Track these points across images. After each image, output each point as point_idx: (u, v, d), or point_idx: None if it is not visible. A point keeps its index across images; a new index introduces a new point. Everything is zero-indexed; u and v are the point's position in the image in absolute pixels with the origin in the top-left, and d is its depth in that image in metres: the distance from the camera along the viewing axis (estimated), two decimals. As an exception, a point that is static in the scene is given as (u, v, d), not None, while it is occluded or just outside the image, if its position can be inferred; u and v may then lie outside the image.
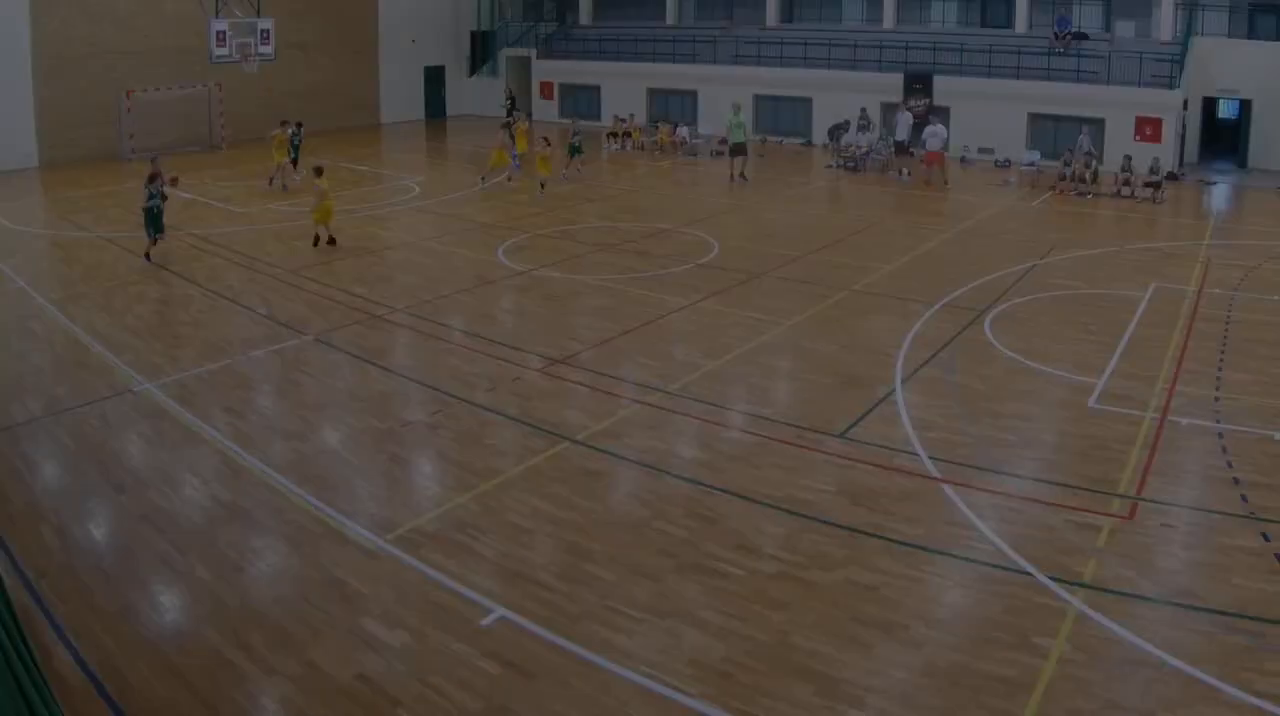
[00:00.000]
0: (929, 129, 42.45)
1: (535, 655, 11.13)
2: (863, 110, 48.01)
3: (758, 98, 55.67)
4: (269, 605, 12.08)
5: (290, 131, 40.17)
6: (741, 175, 42.50)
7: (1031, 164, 45.43)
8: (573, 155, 42.43)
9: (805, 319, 23.20)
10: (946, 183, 41.81)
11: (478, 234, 31.88)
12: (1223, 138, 50.74)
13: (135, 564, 13.00)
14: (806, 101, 54.19)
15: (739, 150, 42.57)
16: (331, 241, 29.18)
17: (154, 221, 26.62)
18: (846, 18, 59.02)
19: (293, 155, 40.29)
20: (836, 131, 48.40)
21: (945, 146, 42.61)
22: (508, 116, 50.81)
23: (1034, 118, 48.51)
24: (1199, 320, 23.26)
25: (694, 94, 58.05)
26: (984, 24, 54.97)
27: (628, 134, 52.11)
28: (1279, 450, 16.58)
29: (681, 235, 31.33)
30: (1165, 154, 43.63)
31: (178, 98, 49.49)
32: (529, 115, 58.95)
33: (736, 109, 43.04)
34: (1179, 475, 15.84)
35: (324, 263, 27.75)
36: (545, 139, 39.21)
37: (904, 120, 46.12)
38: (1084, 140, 42.30)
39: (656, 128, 53.21)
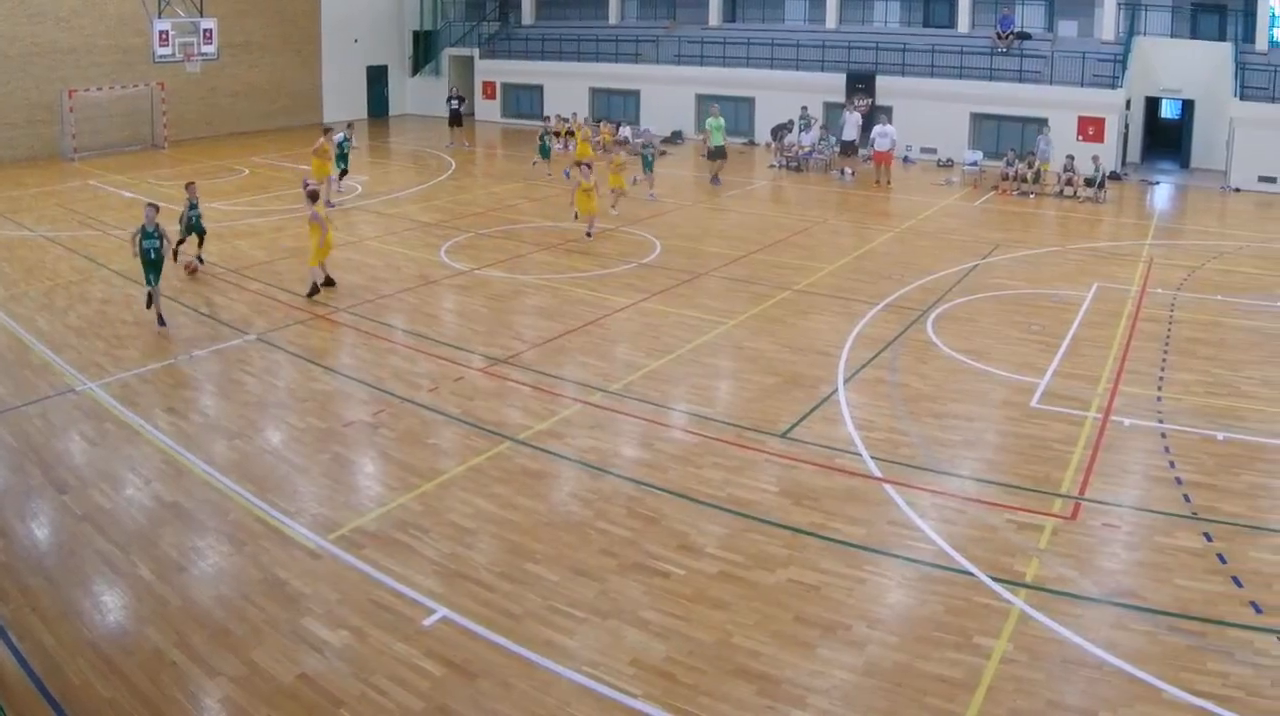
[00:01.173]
0: (878, 129, 42.56)
1: (477, 655, 11.16)
2: (804, 109, 48.05)
3: (700, 97, 55.54)
4: (211, 605, 12.05)
5: (340, 138, 37.88)
6: (715, 178, 42.17)
7: (974, 164, 45.85)
8: (646, 168, 39.49)
9: (748, 318, 23.24)
10: (889, 183, 41.94)
11: (420, 233, 31.86)
12: (1165, 138, 51.23)
13: (77, 563, 12.95)
14: (749, 101, 54.25)
15: (718, 153, 42.17)
16: (329, 283, 25.30)
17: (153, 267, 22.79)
18: (789, 17, 59.00)
19: (342, 166, 38.15)
20: (780, 131, 48.46)
21: (894, 147, 42.87)
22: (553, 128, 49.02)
23: (977, 117, 48.74)
24: (1142, 320, 23.41)
25: (637, 94, 58.13)
26: (927, 24, 55.20)
27: (570, 133, 51.91)
28: (1222, 450, 16.71)
29: (624, 235, 31.33)
30: (1108, 154, 43.84)
31: (120, 97, 49.22)
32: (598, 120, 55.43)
33: (715, 112, 43.00)
34: (1121, 475, 15.94)
35: (267, 262, 27.70)
36: (613, 145, 38.72)
37: (851, 120, 46.15)
38: (1041, 140, 42.65)
39: (599, 127, 52.72)
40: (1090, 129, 45.21)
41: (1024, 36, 49.14)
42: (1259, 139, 42.62)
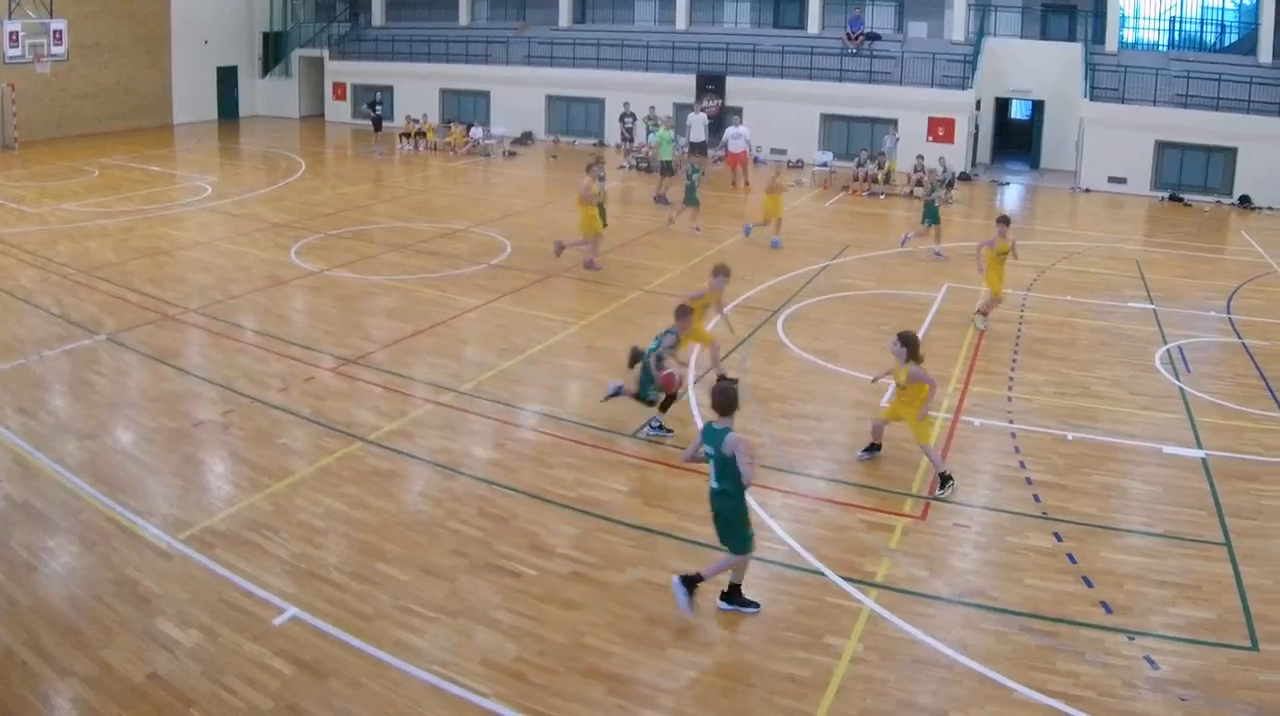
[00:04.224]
0: (731, 130, 42.66)
1: (328, 654, 11.11)
2: (651, 109, 48.35)
3: (550, 98, 56.13)
4: (62, 605, 11.89)
5: (690, 171, 33.35)
6: (661, 197, 38.52)
7: (824, 165, 46.33)
8: (690, 199, 33.34)
9: (599, 319, 23.37)
10: (747, 184, 42.09)
11: (270, 234, 31.54)
12: (1016, 139, 52.28)
13: (-75, 565, 12.76)
14: (599, 102, 54.49)
15: (666, 169, 39.79)
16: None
17: None
18: (639, 18, 59.49)
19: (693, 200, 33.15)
20: (624, 119, 49.05)
21: (749, 148, 43.16)
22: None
23: (827, 118, 49.38)
24: (992, 321, 23.73)
25: (487, 95, 58.14)
26: (777, 25, 55.86)
27: (421, 134, 51.78)
28: (1072, 450, 17.01)
29: (474, 235, 31.28)
30: (958, 154, 44.72)
31: (-32, 97, 48.30)
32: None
33: (667, 123, 42.39)
34: (972, 475, 16.14)
35: (117, 263, 27.24)
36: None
37: (698, 121, 46.35)
38: (888, 139, 43.43)
39: (449, 128, 53.02)
40: (940, 130, 46.09)
41: (874, 37, 49.90)
42: (1109, 140, 43.75)
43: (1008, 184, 45.87)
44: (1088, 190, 44.21)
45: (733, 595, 12.37)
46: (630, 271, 27.55)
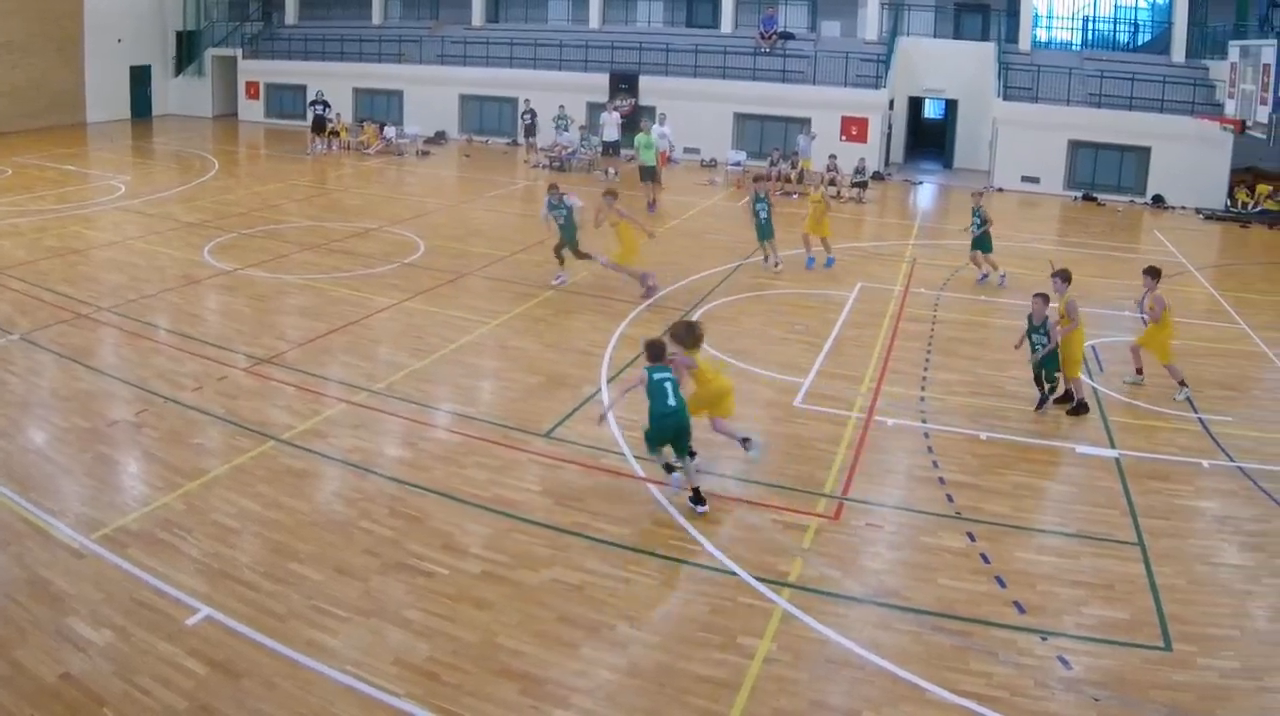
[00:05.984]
0: (656, 130, 41.89)
1: (241, 654, 11.07)
2: (560, 108, 48.46)
3: (464, 97, 56.21)
4: (-26, 606, 11.80)
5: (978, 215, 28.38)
6: (652, 202, 38.06)
7: (737, 164, 46.38)
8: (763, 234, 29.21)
9: (511, 318, 23.33)
10: (661, 184, 41.44)
11: (184, 233, 31.30)
12: (929, 137, 52.83)
13: None
14: (512, 101, 54.31)
15: (649, 175, 38.69)
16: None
17: None
18: (552, 18, 59.85)
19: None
20: (527, 115, 49.25)
21: (669, 147, 43.46)
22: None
23: (740, 117, 49.60)
24: (905, 320, 23.98)
25: (400, 94, 58.09)
26: (690, 24, 56.27)
27: (335, 133, 51.54)
28: (985, 450, 17.17)
29: (387, 235, 31.13)
30: (871, 154, 45.08)
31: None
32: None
33: (645, 127, 40.96)
34: (885, 475, 16.28)
35: (30, 262, 26.97)
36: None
37: (611, 120, 46.31)
38: (801, 140, 43.57)
39: (362, 127, 52.84)
40: (854, 129, 46.37)
41: (787, 37, 50.31)
42: (1022, 139, 44.25)
43: (921, 183, 46.26)
44: (1001, 189, 44.60)
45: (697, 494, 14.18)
46: (543, 270, 27.42)
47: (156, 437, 16.62)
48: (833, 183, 40.60)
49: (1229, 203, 41.82)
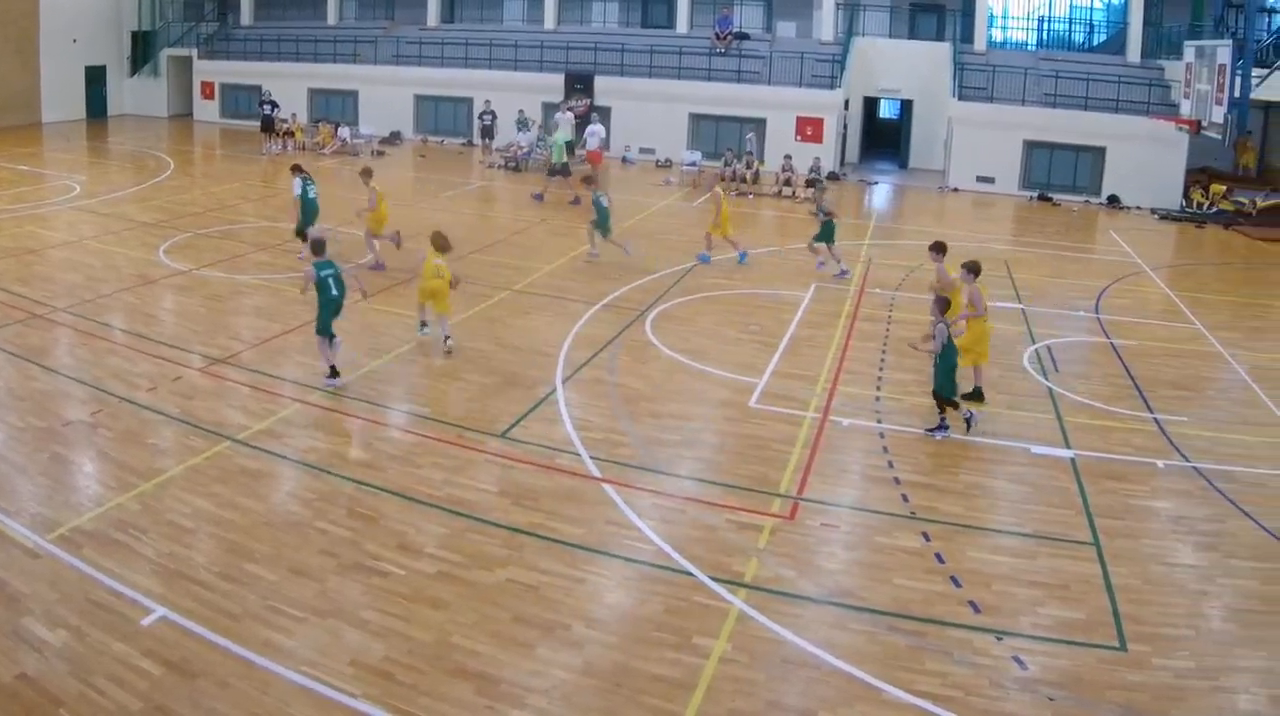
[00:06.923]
0: (589, 129, 42.87)
1: (196, 655, 11.05)
2: (520, 112, 48.36)
3: (419, 98, 56.12)
4: (-73, 607, 11.74)
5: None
6: (539, 195, 39.09)
7: (693, 164, 46.42)
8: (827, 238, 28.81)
9: (466, 318, 23.24)
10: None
11: (139, 233, 31.15)
12: (884, 138, 53.11)
13: None
14: (467, 102, 54.17)
15: (558, 170, 39.61)
16: None
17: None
18: (508, 18, 59.72)
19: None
20: (485, 115, 49.16)
21: (603, 145, 43.27)
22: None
23: (695, 118, 49.60)
24: (860, 321, 24.06)
25: (355, 94, 57.92)
26: (645, 24, 56.34)
27: (290, 134, 51.37)
28: (940, 450, 17.24)
29: (342, 235, 30.84)
30: (826, 154, 45.11)
31: None
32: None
33: (547, 124, 42.27)
34: (840, 475, 16.34)
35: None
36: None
37: (565, 120, 45.40)
38: (750, 140, 43.54)
39: (318, 128, 52.71)
40: (809, 129, 46.36)
41: (743, 37, 50.31)
42: (977, 139, 44.41)
43: (876, 183, 46.38)
44: (956, 189, 44.83)
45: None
46: (498, 270, 27.54)
47: (112, 438, 16.57)
48: (788, 183, 40.87)
49: (1184, 203, 42.03)
